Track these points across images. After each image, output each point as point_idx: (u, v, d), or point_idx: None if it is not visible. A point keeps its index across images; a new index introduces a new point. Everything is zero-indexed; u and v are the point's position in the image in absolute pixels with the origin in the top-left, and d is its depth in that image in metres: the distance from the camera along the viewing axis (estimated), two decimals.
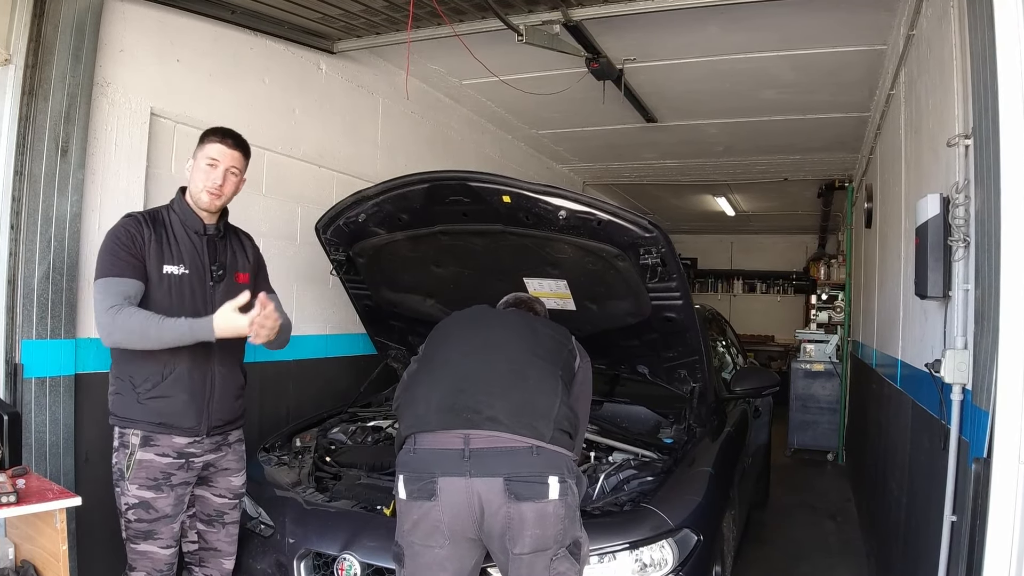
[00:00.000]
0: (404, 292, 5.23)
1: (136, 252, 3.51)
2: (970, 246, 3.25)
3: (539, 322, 3.80)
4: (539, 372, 3.41)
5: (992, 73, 2.74)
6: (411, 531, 3.13)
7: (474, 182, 4.23)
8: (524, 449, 3.11)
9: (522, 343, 3.53)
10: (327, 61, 6.26)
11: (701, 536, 3.71)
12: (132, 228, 3.55)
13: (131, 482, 3.54)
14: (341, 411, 5.27)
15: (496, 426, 3.13)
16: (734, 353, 7.58)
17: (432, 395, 3.29)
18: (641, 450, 4.43)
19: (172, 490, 3.59)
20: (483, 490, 3.06)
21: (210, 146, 3.66)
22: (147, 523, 3.55)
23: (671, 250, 4.19)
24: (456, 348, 3.51)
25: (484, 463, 3.08)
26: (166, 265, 3.57)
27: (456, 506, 3.07)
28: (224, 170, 3.65)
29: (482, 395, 3.24)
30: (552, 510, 3.07)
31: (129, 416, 3.56)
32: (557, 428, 3.20)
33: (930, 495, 3.80)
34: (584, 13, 5.32)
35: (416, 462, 3.16)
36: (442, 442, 3.14)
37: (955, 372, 3.32)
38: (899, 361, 5.29)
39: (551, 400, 3.29)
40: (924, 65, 4.60)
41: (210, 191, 3.63)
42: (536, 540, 3.05)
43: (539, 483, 3.07)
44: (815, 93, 7.31)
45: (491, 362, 3.42)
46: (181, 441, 3.61)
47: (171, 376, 3.56)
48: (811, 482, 9.77)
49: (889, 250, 6.27)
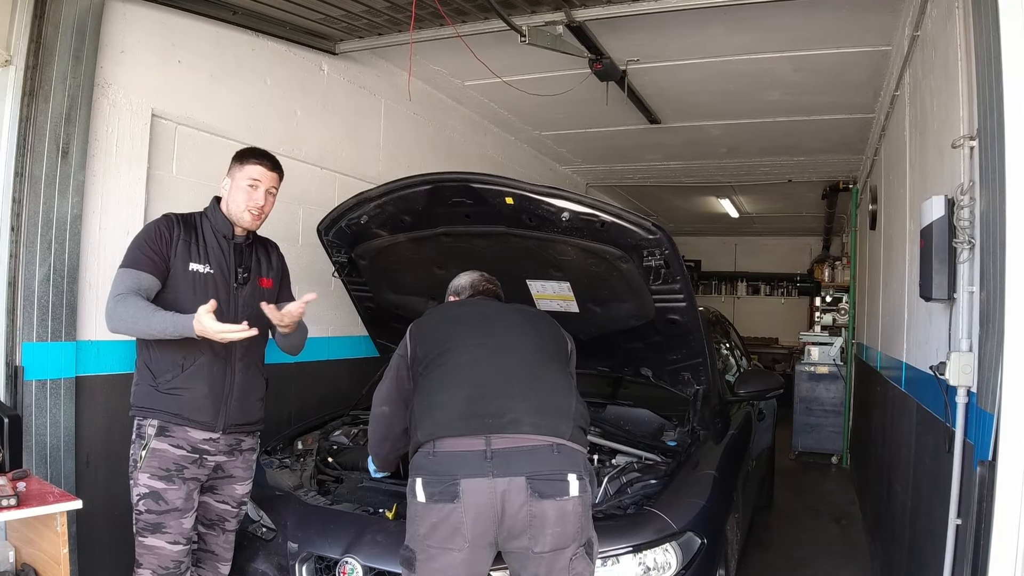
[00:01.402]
0: (406, 294, 5.22)
1: (160, 250, 3.60)
2: (975, 248, 3.23)
3: (536, 317, 3.80)
4: (553, 371, 3.44)
5: (997, 74, 2.73)
6: (428, 534, 3.08)
7: (477, 183, 4.22)
8: (545, 447, 3.11)
9: (530, 342, 3.54)
10: (329, 62, 6.25)
11: (705, 539, 3.70)
12: (163, 226, 3.67)
13: (143, 471, 3.57)
14: (343, 414, 5.26)
15: (519, 427, 3.13)
16: (738, 356, 7.55)
17: (452, 402, 3.25)
18: (644, 453, 4.41)
19: (184, 483, 3.61)
20: (505, 489, 3.04)
21: (251, 167, 3.79)
22: (156, 515, 3.56)
23: (675, 252, 4.18)
24: (467, 352, 3.46)
25: (507, 463, 3.06)
26: (192, 263, 3.67)
27: (479, 507, 3.04)
28: (264, 191, 3.81)
29: (502, 399, 3.23)
30: (572, 507, 3.07)
31: (147, 406, 3.62)
32: (576, 425, 3.22)
33: (935, 498, 3.78)
34: (587, 14, 5.30)
35: (436, 465, 3.13)
36: (464, 445, 3.12)
37: (960, 374, 3.31)
38: (904, 364, 5.28)
39: (568, 398, 3.32)
40: (929, 66, 4.59)
41: (251, 211, 3.78)
42: (557, 538, 3.05)
43: (560, 480, 3.07)
44: (819, 94, 7.30)
45: (506, 365, 3.41)
46: (196, 435, 3.65)
47: (191, 368, 3.63)
48: (815, 485, 9.74)
49: (894, 252, 6.26)
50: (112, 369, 4.51)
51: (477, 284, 4.02)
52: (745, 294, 19.75)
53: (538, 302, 4.78)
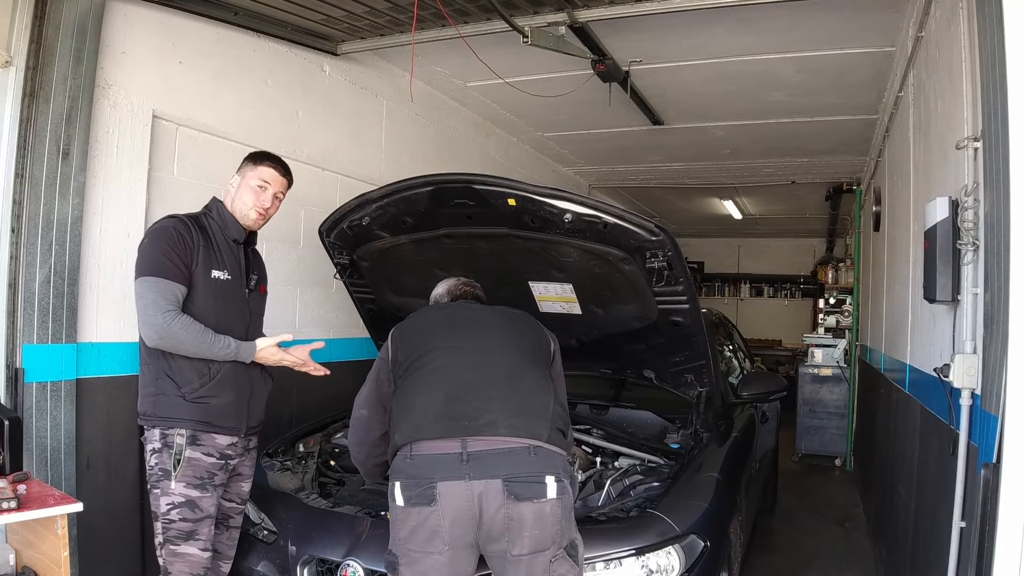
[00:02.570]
0: (408, 296, 5.19)
1: (185, 256, 3.60)
2: (979, 249, 3.21)
3: (517, 318, 3.77)
4: (531, 373, 3.42)
5: (1001, 75, 2.71)
6: (408, 538, 3.09)
7: (479, 185, 4.20)
8: (522, 449, 3.10)
9: (509, 344, 3.52)
10: (331, 63, 6.25)
11: (708, 542, 3.68)
12: (183, 231, 3.65)
13: (179, 480, 3.58)
14: (344, 416, 5.21)
15: (495, 430, 3.13)
16: (741, 358, 7.54)
17: (429, 405, 3.25)
18: (647, 455, 4.42)
19: (215, 490, 3.67)
20: (482, 491, 3.04)
21: (263, 169, 3.88)
22: (191, 523, 3.59)
23: (677, 254, 4.17)
24: (445, 355, 3.45)
25: (483, 465, 3.06)
26: (214, 270, 3.70)
27: (456, 510, 3.04)
28: (272, 194, 3.90)
29: (479, 401, 3.22)
30: (550, 510, 3.06)
31: (174, 416, 3.62)
32: (553, 427, 3.21)
33: (939, 501, 3.78)
34: (590, 15, 5.29)
35: (413, 468, 3.13)
36: (440, 448, 3.12)
37: (964, 377, 3.30)
38: (908, 366, 5.27)
39: (546, 400, 3.31)
40: (933, 67, 4.58)
41: (258, 211, 3.86)
42: (535, 540, 3.04)
43: (537, 483, 3.06)
44: (823, 95, 7.29)
45: (484, 367, 3.39)
46: (223, 441, 3.70)
47: (219, 376, 3.67)
48: (819, 488, 9.72)
49: (897, 254, 6.25)
50: (113, 371, 4.50)
51: (454, 289, 4.02)
52: (748, 296, 19.75)
53: (540, 304, 4.77)
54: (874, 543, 6.93)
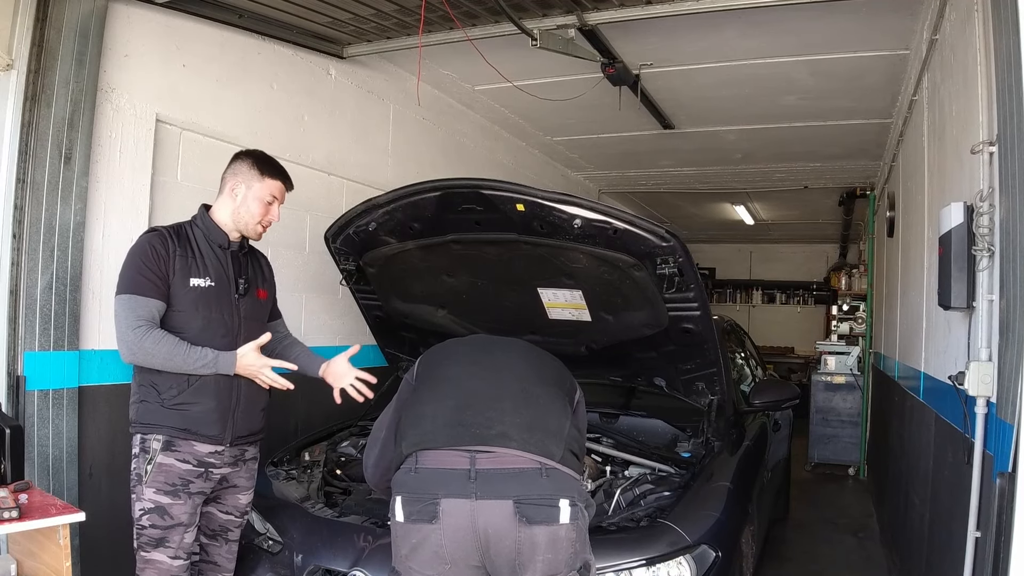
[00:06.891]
0: (415, 302, 5.18)
1: (160, 271, 3.56)
2: (995, 255, 3.22)
3: (544, 354, 3.68)
4: (548, 393, 3.32)
5: (1017, 78, 2.71)
6: (409, 556, 2.99)
7: (487, 190, 4.18)
8: (533, 470, 2.99)
9: (528, 366, 3.46)
10: (337, 66, 6.23)
11: (719, 552, 3.66)
12: (157, 244, 3.61)
13: (148, 486, 3.56)
14: (351, 424, 5.23)
15: (507, 442, 3.02)
16: (753, 365, 7.52)
17: (439, 412, 3.17)
18: (658, 464, 4.39)
19: (190, 498, 3.61)
20: (491, 514, 2.92)
21: (272, 182, 3.85)
22: (160, 530, 3.55)
23: (688, 260, 4.14)
24: (461, 368, 3.42)
25: (491, 485, 2.95)
26: (192, 278, 3.64)
27: (460, 530, 2.93)
28: (278, 206, 3.91)
29: (492, 411, 3.14)
30: (564, 534, 2.95)
31: (152, 422, 3.60)
32: (567, 448, 3.09)
33: (954, 510, 3.77)
34: (599, 17, 5.26)
35: (416, 482, 3.03)
36: (446, 461, 3.01)
37: (979, 384, 3.30)
38: (922, 373, 5.26)
39: (561, 420, 3.20)
40: (947, 70, 4.57)
41: (264, 226, 3.87)
42: (548, 565, 2.93)
43: (550, 506, 2.94)
44: (836, 99, 7.25)
45: (499, 380, 3.33)
46: (203, 449, 3.64)
47: (197, 383, 3.61)
48: (832, 497, 9.69)
49: (912, 260, 6.23)
50: (116, 379, 4.48)
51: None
52: (760, 302, 19.68)
53: (549, 311, 4.73)
54: (888, 553, 6.89)
